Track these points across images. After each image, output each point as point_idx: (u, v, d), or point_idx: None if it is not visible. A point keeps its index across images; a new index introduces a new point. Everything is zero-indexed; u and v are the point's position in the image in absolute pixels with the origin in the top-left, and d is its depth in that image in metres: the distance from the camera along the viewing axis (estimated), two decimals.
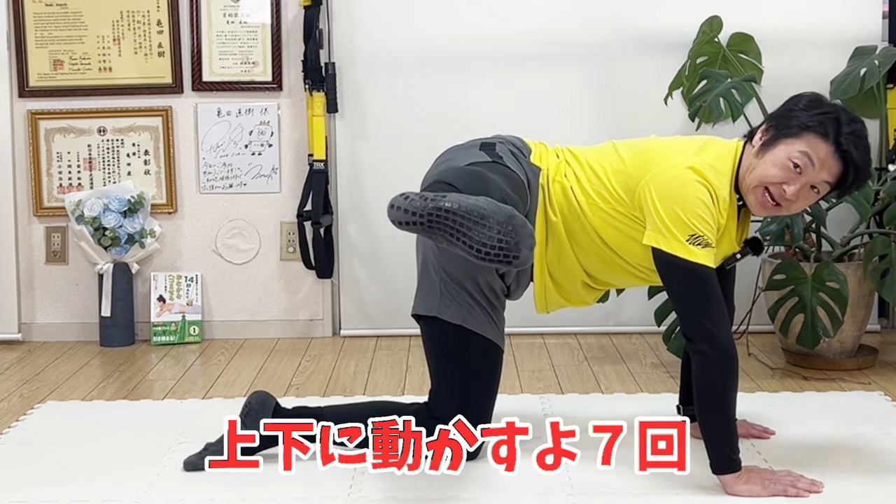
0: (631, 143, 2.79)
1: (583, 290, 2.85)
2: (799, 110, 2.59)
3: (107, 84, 4.39)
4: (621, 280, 2.85)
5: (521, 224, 2.25)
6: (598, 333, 4.40)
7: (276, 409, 2.81)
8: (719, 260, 2.70)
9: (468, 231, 2.23)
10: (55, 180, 4.42)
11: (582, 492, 2.62)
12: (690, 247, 2.54)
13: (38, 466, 2.87)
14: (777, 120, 2.62)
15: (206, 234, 4.46)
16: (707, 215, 2.56)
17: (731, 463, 2.57)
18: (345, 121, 4.40)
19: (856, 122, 2.58)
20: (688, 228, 2.54)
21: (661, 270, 2.61)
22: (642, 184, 2.63)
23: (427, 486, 2.65)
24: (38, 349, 4.32)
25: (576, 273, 2.79)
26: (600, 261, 2.77)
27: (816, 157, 2.54)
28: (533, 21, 4.33)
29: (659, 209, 2.57)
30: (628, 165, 2.70)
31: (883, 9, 4.28)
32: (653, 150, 2.72)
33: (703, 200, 2.56)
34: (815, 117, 2.56)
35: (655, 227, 2.58)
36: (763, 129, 2.64)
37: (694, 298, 2.57)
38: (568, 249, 2.75)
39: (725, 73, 3.95)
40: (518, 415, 3.18)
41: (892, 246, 3.66)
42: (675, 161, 2.62)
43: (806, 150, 2.54)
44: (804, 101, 2.61)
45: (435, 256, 2.75)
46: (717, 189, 2.59)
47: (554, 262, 2.77)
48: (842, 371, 3.75)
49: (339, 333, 4.49)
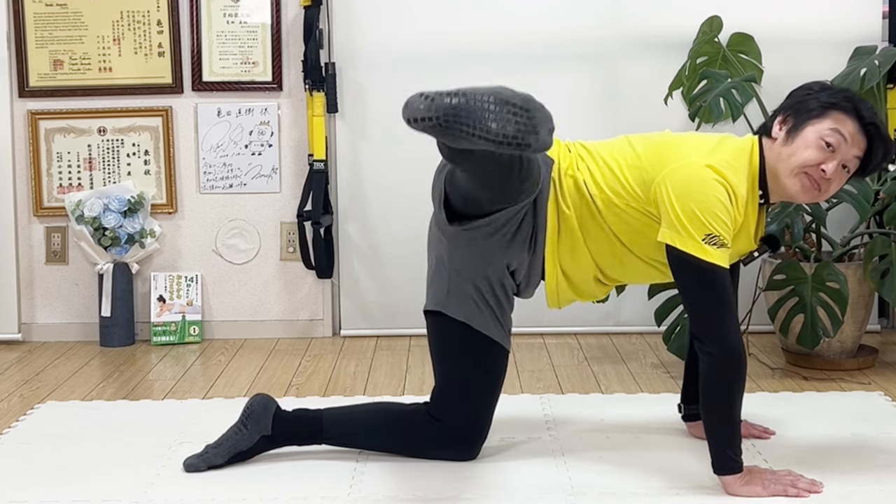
0: (645, 138, 2.76)
1: (595, 286, 2.83)
2: (815, 93, 2.60)
3: (107, 84, 4.39)
4: (634, 276, 2.82)
5: (539, 107, 2.29)
6: (598, 333, 4.39)
7: (276, 413, 2.81)
8: (735, 257, 2.69)
9: (485, 121, 2.26)
10: (55, 180, 4.42)
11: (582, 492, 2.61)
12: (706, 246, 2.52)
13: (38, 466, 2.87)
14: (794, 107, 2.62)
15: (206, 234, 4.46)
16: (724, 215, 2.54)
17: (733, 464, 2.57)
18: (345, 121, 4.40)
19: (868, 101, 2.63)
20: (704, 227, 2.52)
21: (674, 268, 2.59)
22: (658, 180, 2.60)
23: (427, 486, 2.65)
24: (38, 349, 4.32)
25: (588, 268, 2.76)
26: (613, 256, 2.74)
27: (847, 132, 2.55)
28: (533, 21, 4.33)
29: (675, 206, 2.55)
30: (643, 160, 2.67)
31: (883, 9, 4.28)
32: (669, 145, 2.69)
33: (721, 200, 2.54)
34: (835, 95, 2.58)
35: (671, 225, 2.56)
36: (780, 120, 2.63)
37: (705, 298, 2.56)
38: (581, 244, 2.72)
39: (725, 73, 3.95)
40: (518, 415, 3.20)
41: (892, 246, 3.66)
42: (693, 159, 2.60)
43: (836, 126, 2.55)
44: (817, 86, 2.64)
45: (448, 255, 2.74)
46: (736, 187, 2.57)
47: (567, 257, 2.74)
48: (842, 371, 3.75)
49: (339, 333, 4.49)
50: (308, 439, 2.83)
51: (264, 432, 2.78)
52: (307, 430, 2.82)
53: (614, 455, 2.86)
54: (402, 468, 2.77)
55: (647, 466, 2.77)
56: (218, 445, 2.79)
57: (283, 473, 2.75)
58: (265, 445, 2.80)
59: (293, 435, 2.82)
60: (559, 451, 2.89)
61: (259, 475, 2.74)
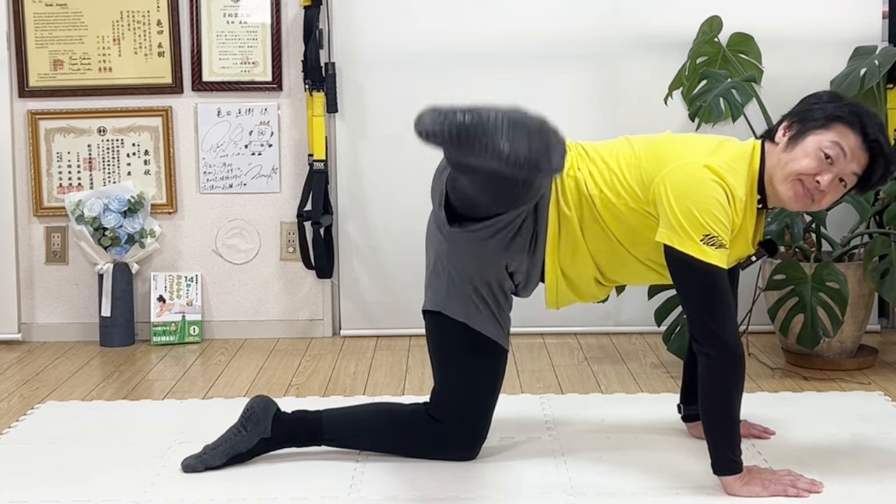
0: (646, 139, 2.76)
1: (594, 287, 2.83)
2: (823, 103, 2.60)
3: (107, 84, 4.39)
4: (633, 276, 2.82)
5: (552, 130, 2.27)
6: (598, 333, 4.39)
7: (276, 415, 2.81)
8: (733, 261, 2.69)
9: (498, 143, 2.23)
10: (55, 180, 4.42)
11: (582, 492, 2.61)
12: (704, 247, 2.52)
13: (38, 466, 2.87)
14: (800, 115, 2.62)
15: (206, 234, 4.46)
16: (722, 215, 2.54)
17: (733, 465, 2.57)
18: (345, 121, 4.40)
19: (877, 116, 2.61)
20: (703, 228, 2.52)
21: (673, 268, 2.59)
22: (657, 180, 2.60)
23: (427, 486, 2.65)
24: (38, 349, 4.32)
25: (588, 269, 2.76)
26: (612, 256, 2.74)
27: (847, 146, 2.54)
28: (533, 21, 4.33)
29: (674, 207, 2.54)
30: (643, 160, 2.67)
31: (883, 9, 4.28)
32: (668, 145, 2.69)
33: (720, 200, 2.54)
34: (842, 108, 2.57)
35: (669, 225, 2.55)
36: (785, 126, 2.63)
37: (703, 299, 2.55)
38: (581, 244, 2.72)
39: (725, 73, 3.95)
40: (518, 415, 3.20)
41: (892, 246, 3.66)
42: (692, 159, 2.60)
43: (837, 139, 2.54)
44: (826, 96, 2.64)
45: (447, 255, 2.74)
46: (734, 188, 2.57)
47: (567, 258, 2.74)
48: (842, 371, 3.75)
49: (339, 333, 4.49)
50: (308, 441, 2.83)
51: (263, 435, 2.78)
52: (307, 432, 2.82)
53: (614, 455, 2.86)
54: (402, 468, 2.77)
55: (647, 466, 2.77)
56: (216, 447, 2.79)
57: (283, 474, 2.75)
58: (264, 448, 2.80)
59: (293, 436, 2.82)
60: (559, 451, 2.89)
61: (259, 475, 2.74)
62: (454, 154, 2.35)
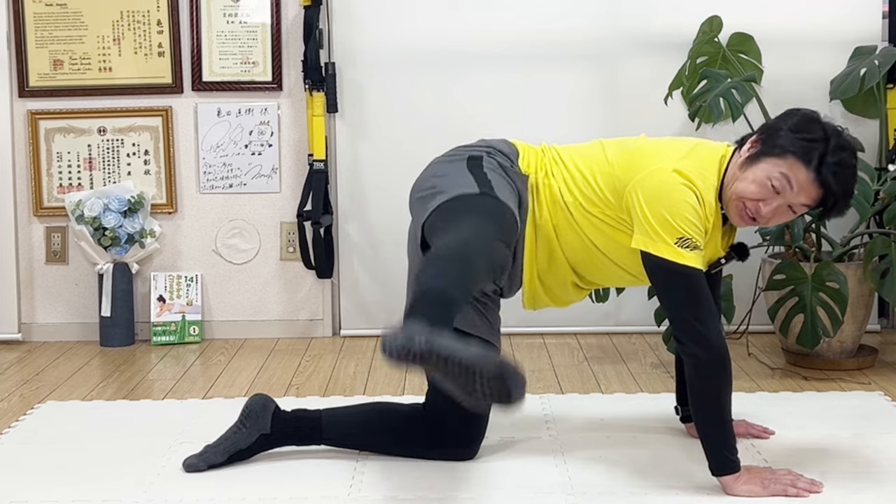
0: (619, 143, 2.78)
1: (572, 291, 2.87)
2: (786, 130, 2.55)
3: (107, 84, 4.39)
4: (612, 279, 2.86)
5: (511, 373, 2.17)
6: (598, 333, 4.39)
7: (275, 413, 2.81)
8: (705, 264, 2.70)
9: (461, 378, 2.18)
10: (55, 180, 4.42)
11: (582, 492, 2.61)
12: (679, 249, 2.54)
13: (38, 466, 2.87)
14: (766, 134, 2.60)
15: (206, 234, 4.46)
16: (695, 218, 2.56)
17: (730, 463, 2.57)
18: (345, 121, 4.40)
19: (844, 149, 2.53)
20: (676, 231, 2.54)
21: (651, 274, 2.61)
22: (630, 188, 2.62)
23: (427, 486, 2.65)
24: (38, 349, 4.32)
25: (565, 274, 2.80)
26: (589, 261, 2.77)
27: (795, 180, 2.52)
28: (533, 21, 4.33)
29: (647, 212, 2.57)
30: (615, 167, 2.70)
31: (883, 9, 4.28)
32: (640, 151, 2.71)
33: (691, 203, 2.56)
34: (800, 142, 2.52)
35: (643, 231, 2.58)
36: (752, 141, 2.62)
37: (683, 301, 2.56)
38: (557, 250, 2.76)
39: (725, 73, 3.95)
40: (517, 415, 3.19)
41: (892, 246, 3.66)
42: (663, 165, 2.62)
43: (786, 172, 2.52)
44: (794, 121, 2.57)
45: None
46: (704, 192, 2.59)
47: (544, 264, 2.78)
48: (842, 371, 3.75)
49: (339, 333, 4.49)
50: (307, 439, 2.84)
51: (263, 430, 2.78)
52: (306, 430, 2.83)
53: (614, 454, 2.86)
54: (402, 468, 2.77)
55: (647, 466, 2.77)
56: (217, 445, 2.80)
57: (283, 473, 2.75)
58: (264, 444, 2.80)
59: (292, 434, 2.82)
60: (559, 451, 2.89)
61: (259, 475, 2.74)
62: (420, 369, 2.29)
